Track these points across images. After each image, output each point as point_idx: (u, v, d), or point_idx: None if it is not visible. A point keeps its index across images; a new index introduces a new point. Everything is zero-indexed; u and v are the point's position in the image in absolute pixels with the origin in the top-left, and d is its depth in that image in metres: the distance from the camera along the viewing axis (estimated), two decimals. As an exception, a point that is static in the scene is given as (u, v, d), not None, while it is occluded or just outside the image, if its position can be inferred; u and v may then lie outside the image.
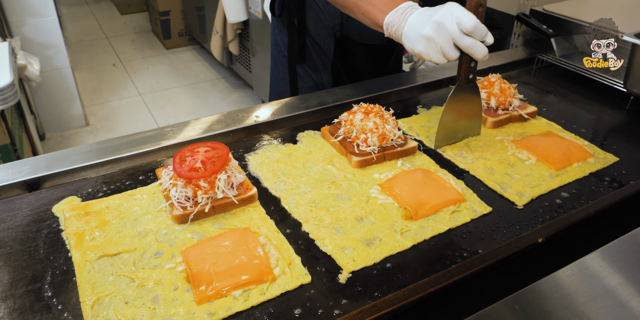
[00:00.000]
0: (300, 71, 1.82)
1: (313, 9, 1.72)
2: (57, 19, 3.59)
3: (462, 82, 1.27)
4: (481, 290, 0.95)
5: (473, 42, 1.13)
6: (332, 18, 1.70)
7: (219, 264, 0.95)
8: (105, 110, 4.33)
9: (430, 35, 1.15)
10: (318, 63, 1.81)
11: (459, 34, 1.13)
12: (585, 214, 1.05)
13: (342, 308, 0.90)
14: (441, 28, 1.14)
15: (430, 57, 1.18)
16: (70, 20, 6.41)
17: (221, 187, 1.10)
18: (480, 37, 1.14)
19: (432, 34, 1.15)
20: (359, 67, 1.85)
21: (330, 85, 1.85)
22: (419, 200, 1.13)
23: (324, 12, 1.71)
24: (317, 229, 1.08)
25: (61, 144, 3.84)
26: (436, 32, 1.14)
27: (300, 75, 1.83)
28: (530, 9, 2.03)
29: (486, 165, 1.29)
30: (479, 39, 1.14)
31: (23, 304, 0.90)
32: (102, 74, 4.99)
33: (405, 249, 1.03)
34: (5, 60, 2.50)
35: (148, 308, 0.90)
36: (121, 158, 1.29)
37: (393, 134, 1.30)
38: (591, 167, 1.28)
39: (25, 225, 1.08)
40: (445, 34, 1.14)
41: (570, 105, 1.61)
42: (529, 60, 1.89)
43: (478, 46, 1.14)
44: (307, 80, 1.84)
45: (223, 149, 1.14)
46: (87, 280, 0.95)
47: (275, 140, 1.39)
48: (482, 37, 1.14)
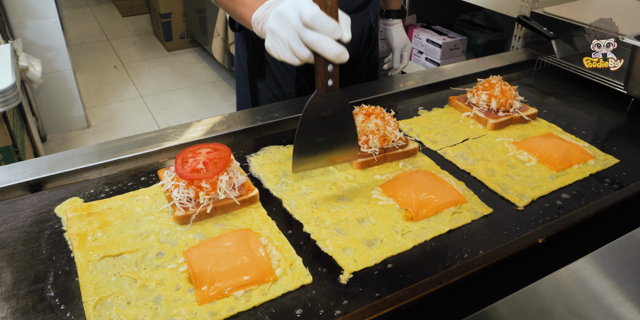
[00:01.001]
0: (261, 86, 1.78)
1: None
2: (59, 21, 3.60)
3: (320, 90, 1.03)
4: (482, 290, 0.95)
5: (319, 38, 0.94)
6: None
7: (220, 264, 0.96)
8: (107, 112, 4.34)
9: (274, 28, 1.00)
10: (280, 78, 1.74)
11: (301, 27, 0.95)
12: (585, 215, 1.05)
13: (343, 308, 0.90)
14: (283, 19, 0.98)
15: (278, 54, 1.02)
16: (71, 22, 6.43)
17: (223, 188, 1.10)
18: (327, 31, 0.95)
19: (275, 27, 1.00)
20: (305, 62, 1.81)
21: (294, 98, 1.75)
22: (419, 201, 1.13)
23: None
24: (319, 230, 1.08)
25: (62, 146, 3.85)
26: (279, 24, 0.99)
27: (261, 90, 1.78)
28: (530, 11, 2.04)
29: (487, 166, 1.29)
30: (327, 34, 0.95)
31: (26, 304, 0.91)
32: (104, 76, 5.00)
33: (406, 249, 1.04)
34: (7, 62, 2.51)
35: (150, 308, 0.90)
36: (123, 159, 1.30)
37: (394, 136, 1.30)
38: (591, 169, 1.29)
39: (27, 226, 1.09)
40: (289, 26, 0.98)
41: (570, 107, 1.61)
42: (530, 62, 1.90)
43: (325, 43, 0.95)
44: (268, 96, 1.79)
45: (225, 150, 1.14)
46: (90, 280, 0.95)
47: (277, 141, 1.39)
48: (330, 32, 0.95)
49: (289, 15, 0.97)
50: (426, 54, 3.04)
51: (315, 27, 0.94)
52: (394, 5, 1.97)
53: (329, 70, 1.01)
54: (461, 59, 2.99)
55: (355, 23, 1.67)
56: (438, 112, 1.55)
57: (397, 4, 1.97)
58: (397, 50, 1.98)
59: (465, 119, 1.50)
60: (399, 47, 1.98)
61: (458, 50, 2.98)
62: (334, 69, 1.02)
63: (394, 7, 1.97)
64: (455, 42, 2.94)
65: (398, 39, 1.97)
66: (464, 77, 1.76)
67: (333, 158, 1.14)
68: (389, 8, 1.97)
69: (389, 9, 1.97)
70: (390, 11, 1.97)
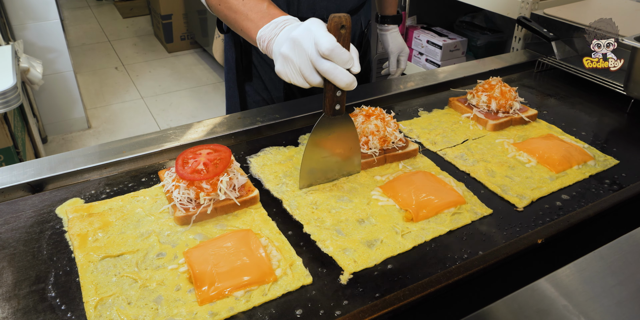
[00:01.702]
0: (249, 90, 1.76)
1: None
2: (60, 23, 3.61)
3: (327, 113, 1.12)
4: (481, 290, 0.96)
5: (332, 67, 0.99)
6: None
7: (221, 264, 0.96)
8: (107, 114, 4.35)
9: (287, 54, 1.04)
10: (268, 82, 1.73)
11: (316, 56, 0.99)
12: (585, 216, 1.05)
13: (343, 308, 0.90)
14: (298, 47, 1.02)
15: (289, 78, 1.06)
16: (72, 23, 6.44)
17: (223, 189, 1.10)
18: (341, 62, 0.99)
19: (288, 53, 1.03)
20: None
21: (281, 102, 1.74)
22: (419, 202, 1.13)
23: None
24: (319, 231, 1.08)
25: (63, 147, 3.85)
26: (292, 50, 1.03)
27: (249, 93, 1.77)
28: (530, 12, 2.04)
29: (487, 167, 1.29)
30: (341, 64, 1.00)
31: (27, 304, 0.91)
32: (104, 77, 5.00)
33: (406, 250, 1.04)
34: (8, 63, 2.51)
35: (151, 308, 0.90)
36: (124, 160, 1.30)
37: (394, 137, 1.30)
38: (591, 170, 1.29)
39: (28, 227, 1.09)
40: (303, 54, 1.01)
41: (570, 108, 1.62)
42: (530, 63, 1.90)
43: (338, 72, 1.00)
44: (257, 100, 1.78)
45: (225, 151, 1.15)
46: (91, 280, 0.96)
47: (277, 142, 1.39)
48: (344, 62, 1.00)
49: (304, 43, 1.00)
50: (426, 55, 3.04)
51: (332, 58, 0.98)
52: (390, 11, 1.96)
53: (337, 96, 1.09)
54: (461, 60, 3.00)
55: None
56: (438, 113, 1.56)
57: (392, 10, 1.96)
58: (393, 55, 1.98)
59: (465, 120, 1.51)
60: (394, 52, 1.97)
61: (458, 52, 2.98)
62: (342, 94, 1.09)
63: (390, 12, 1.96)
64: (456, 44, 2.94)
65: (394, 44, 1.97)
66: (464, 79, 1.77)
67: (336, 173, 1.24)
68: (384, 13, 1.96)
69: (384, 14, 1.96)
70: (386, 17, 1.96)
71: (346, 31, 1.00)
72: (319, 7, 1.58)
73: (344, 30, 0.99)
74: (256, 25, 1.15)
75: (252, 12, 1.17)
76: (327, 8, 1.59)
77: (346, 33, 1.00)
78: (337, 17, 0.99)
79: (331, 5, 1.59)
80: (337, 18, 0.99)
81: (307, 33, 1.00)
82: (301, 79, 1.04)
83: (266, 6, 1.17)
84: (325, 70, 1.00)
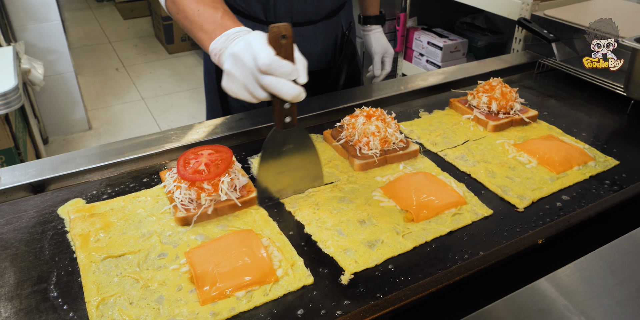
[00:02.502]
0: (231, 99, 1.72)
1: None
2: (61, 24, 3.61)
3: (277, 127, 1.09)
4: (482, 290, 0.96)
5: (275, 81, 0.96)
6: None
7: (222, 265, 0.96)
8: (108, 115, 4.35)
9: (229, 70, 1.01)
10: None
11: (256, 71, 0.96)
12: (585, 216, 1.06)
13: (344, 308, 0.91)
14: (239, 62, 0.99)
15: (235, 94, 1.02)
16: (73, 25, 6.45)
17: (224, 190, 1.11)
18: (283, 75, 0.96)
19: (230, 69, 1.00)
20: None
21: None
22: (420, 202, 1.14)
23: None
24: (320, 231, 1.09)
25: (64, 148, 3.86)
26: (234, 66, 1.00)
27: (231, 103, 1.73)
28: (531, 14, 2.05)
29: (487, 168, 1.30)
30: (284, 77, 0.96)
31: (29, 304, 0.91)
32: (105, 78, 5.01)
33: (407, 250, 1.04)
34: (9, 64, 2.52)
35: (152, 308, 0.91)
36: (125, 161, 1.30)
37: (395, 138, 1.31)
38: (592, 171, 1.29)
39: (30, 227, 1.09)
40: (245, 69, 0.98)
41: (571, 109, 1.62)
42: (530, 64, 1.90)
43: (282, 85, 0.96)
44: (238, 107, 1.73)
45: (226, 151, 1.15)
46: (92, 280, 0.96)
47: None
48: (286, 75, 0.96)
49: (244, 58, 0.97)
50: (427, 57, 3.05)
51: (271, 72, 0.95)
52: (371, 11, 1.92)
53: (285, 108, 1.05)
54: (462, 62, 3.00)
55: (325, 30, 1.66)
56: (439, 114, 1.56)
57: (374, 10, 1.92)
58: (377, 56, 1.93)
59: (466, 121, 1.51)
60: (378, 53, 1.93)
61: (459, 53, 2.99)
62: (292, 106, 1.06)
63: (372, 12, 1.92)
64: (456, 45, 2.95)
65: (377, 45, 1.92)
66: (464, 80, 1.77)
67: (297, 187, 1.20)
68: (366, 14, 1.93)
69: (366, 15, 1.93)
70: (368, 17, 1.92)
71: (287, 41, 0.96)
72: (296, 10, 1.56)
73: (285, 40, 0.96)
74: (209, 37, 1.12)
75: (207, 23, 1.14)
76: (304, 11, 1.57)
77: (287, 43, 0.96)
78: (275, 28, 0.95)
79: (309, 8, 1.57)
80: (276, 28, 0.95)
81: (247, 47, 0.97)
82: (247, 94, 1.01)
83: (220, 16, 1.14)
84: (267, 84, 0.96)
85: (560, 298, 0.81)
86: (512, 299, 0.81)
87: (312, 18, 1.60)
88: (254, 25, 1.58)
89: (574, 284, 0.85)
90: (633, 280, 0.85)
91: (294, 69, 0.96)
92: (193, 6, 1.19)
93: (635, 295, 0.82)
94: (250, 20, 1.58)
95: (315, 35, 1.64)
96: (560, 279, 0.85)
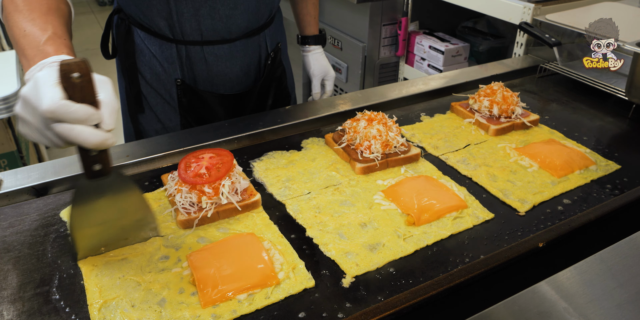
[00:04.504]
0: (142, 121, 1.60)
1: (144, 53, 1.49)
2: (64, 28, 3.61)
3: (87, 177, 0.90)
4: (482, 293, 0.96)
5: (68, 129, 0.79)
6: (168, 63, 1.47)
7: (224, 268, 0.96)
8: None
9: (20, 115, 0.83)
10: (160, 114, 1.57)
11: (46, 118, 0.79)
12: (586, 220, 1.06)
13: (345, 311, 0.91)
14: (28, 106, 0.82)
15: (37, 141, 0.86)
16: (76, 28, 6.41)
17: (225, 193, 1.11)
18: (76, 121, 0.79)
19: (21, 113, 0.83)
20: (213, 116, 1.59)
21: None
22: (421, 206, 1.14)
23: (157, 57, 1.47)
24: (321, 234, 1.09)
25: (66, 152, 3.85)
26: (24, 111, 0.83)
27: (142, 124, 1.60)
28: (532, 18, 2.05)
29: (488, 172, 1.30)
30: (78, 123, 0.79)
31: (31, 307, 0.92)
32: (108, 82, 5.01)
33: (408, 254, 1.04)
34: (11, 68, 2.53)
35: (154, 311, 0.91)
36: (127, 164, 1.31)
37: (396, 141, 1.31)
38: (593, 175, 1.29)
39: (33, 230, 1.10)
40: (35, 114, 0.81)
41: (572, 113, 1.62)
42: (532, 68, 1.91)
43: (77, 133, 0.79)
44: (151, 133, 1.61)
45: (227, 155, 1.15)
46: (95, 283, 0.96)
47: (280, 147, 1.40)
48: (81, 120, 0.79)
49: (32, 102, 0.80)
50: (429, 61, 3.05)
51: (60, 118, 0.78)
52: (310, 31, 1.80)
53: (92, 156, 0.88)
54: (463, 66, 3.00)
55: (244, 50, 1.52)
56: (440, 118, 1.56)
57: (313, 29, 1.80)
58: (316, 79, 1.80)
59: (467, 125, 1.51)
60: (317, 76, 1.80)
61: (460, 57, 2.99)
62: (100, 153, 0.88)
63: (310, 32, 1.80)
64: (458, 49, 2.95)
65: (315, 67, 1.79)
66: (466, 84, 1.77)
67: (126, 238, 1.06)
68: (304, 34, 1.81)
69: (304, 34, 1.81)
70: (306, 37, 1.80)
71: (83, 80, 0.79)
72: (205, 28, 1.42)
73: (80, 79, 0.79)
74: (28, 65, 0.95)
75: (29, 47, 0.98)
76: (214, 29, 1.43)
77: (83, 82, 0.79)
78: (64, 65, 0.78)
79: (218, 26, 1.43)
80: (65, 66, 0.78)
81: (34, 89, 0.80)
82: (47, 141, 0.84)
83: (44, 40, 0.98)
84: (59, 133, 0.79)
85: (561, 301, 0.81)
86: (513, 301, 0.81)
87: (225, 37, 1.46)
88: (161, 43, 1.45)
89: (574, 286, 0.85)
90: (633, 283, 0.85)
91: (91, 113, 0.80)
92: (21, 25, 1.02)
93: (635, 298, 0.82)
94: (157, 38, 1.45)
95: (232, 55, 1.50)
96: (560, 282, 0.85)
